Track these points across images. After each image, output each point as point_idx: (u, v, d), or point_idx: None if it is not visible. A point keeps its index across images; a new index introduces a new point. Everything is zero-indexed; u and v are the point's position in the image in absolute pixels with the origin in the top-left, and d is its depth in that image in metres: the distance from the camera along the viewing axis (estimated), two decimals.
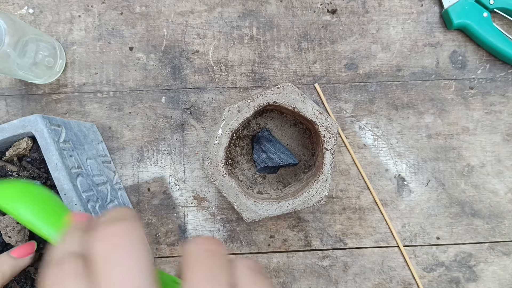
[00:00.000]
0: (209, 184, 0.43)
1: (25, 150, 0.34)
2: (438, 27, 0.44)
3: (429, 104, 0.43)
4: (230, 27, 0.44)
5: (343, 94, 0.43)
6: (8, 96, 0.43)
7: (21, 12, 0.43)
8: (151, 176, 0.43)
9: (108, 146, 0.43)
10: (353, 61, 0.44)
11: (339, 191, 0.43)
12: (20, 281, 0.33)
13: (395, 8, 0.44)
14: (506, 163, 0.43)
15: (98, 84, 0.43)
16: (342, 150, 0.43)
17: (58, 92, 0.43)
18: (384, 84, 0.44)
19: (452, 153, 0.43)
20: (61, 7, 0.43)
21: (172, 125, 0.43)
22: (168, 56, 0.43)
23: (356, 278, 0.42)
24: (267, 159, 0.40)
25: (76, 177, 0.32)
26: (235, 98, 0.43)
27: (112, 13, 0.43)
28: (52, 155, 0.30)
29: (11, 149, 0.34)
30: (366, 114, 0.43)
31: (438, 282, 0.43)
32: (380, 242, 0.43)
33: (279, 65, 0.43)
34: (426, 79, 0.44)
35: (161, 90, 0.43)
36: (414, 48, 0.44)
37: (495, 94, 0.44)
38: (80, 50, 0.43)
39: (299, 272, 0.42)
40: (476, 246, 0.43)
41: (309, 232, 0.43)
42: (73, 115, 0.43)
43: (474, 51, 0.44)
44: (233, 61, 0.43)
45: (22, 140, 0.34)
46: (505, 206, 0.43)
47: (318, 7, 0.44)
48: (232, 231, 0.43)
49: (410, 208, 0.43)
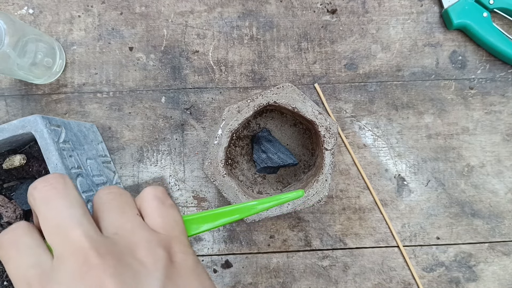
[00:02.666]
0: (209, 184, 0.43)
1: (20, 163, 0.34)
2: (438, 27, 0.44)
3: (429, 104, 0.43)
4: (230, 27, 0.44)
5: (343, 94, 0.43)
6: (8, 96, 0.43)
7: (21, 12, 0.43)
8: (151, 176, 0.43)
9: (108, 146, 0.43)
10: (353, 61, 0.44)
11: (339, 191, 0.43)
12: None
13: (395, 8, 0.44)
14: (506, 163, 0.43)
15: (98, 84, 0.43)
16: (342, 150, 0.43)
17: (58, 92, 0.43)
18: (384, 84, 0.44)
19: (452, 153, 0.43)
20: (61, 7, 0.43)
21: (172, 125, 0.43)
22: (168, 56, 0.43)
23: (356, 278, 0.42)
24: (267, 159, 0.40)
25: (76, 177, 0.32)
26: (235, 98, 0.43)
27: (112, 13, 0.43)
28: (52, 156, 0.30)
29: (4, 164, 0.34)
30: (366, 114, 0.43)
31: (438, 282, 0.43)
32: (380, 242, 0.43)
33: (279, 65, 0.43)
34: (426, 79, 0.44)
35: (161, 90, 0.43)
36: (414, 48, 0.44)
37: (495, 94, 0.44)
38: (80, 50, 0.43)
39: (299, 272, 0.42)
40: (476, 246, 0.43)
41: (309, 232, 0.43)
42: (73, 115, 0.43)
43: (474, 51, 0.44)
44: (233, 61, 0.43)
45: (15, 157, 0.34)
46: (505, 206, 0.43)
47: (318, 7, 0.44)
48: (232, 231, 0.43)
49: (410, 208, 0.43)
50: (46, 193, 0.19)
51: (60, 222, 0.18)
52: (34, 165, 0.35)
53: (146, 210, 0.21)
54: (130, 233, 0.19)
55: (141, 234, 0.19)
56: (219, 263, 0.42)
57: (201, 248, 0.42)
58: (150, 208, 0.21)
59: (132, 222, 0.20)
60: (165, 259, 0.19)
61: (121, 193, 0.21)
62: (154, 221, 0.21)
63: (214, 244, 0.43)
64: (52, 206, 0.19)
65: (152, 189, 0.22)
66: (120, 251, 0.18)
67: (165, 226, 0.21)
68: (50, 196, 0.19)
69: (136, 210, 0.21)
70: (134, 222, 0.20)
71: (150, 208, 0.21)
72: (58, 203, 0.19)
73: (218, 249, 0.43)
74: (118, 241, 0.19)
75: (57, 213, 0.18)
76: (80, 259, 0.17)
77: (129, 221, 0.20)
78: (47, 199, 0.19)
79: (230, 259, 0.43)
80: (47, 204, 0.19)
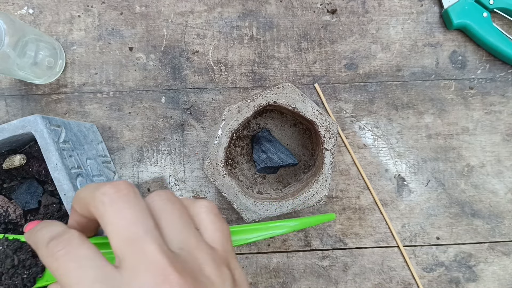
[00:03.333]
0: (209, 184, 0.43)
1: (20, 163, 0.34)
2: (438, 27, 0.44)
3: (429, 104, 0.43)
4: (230, 27, 0.44)
5: (343, 94, 0.43)
6: (8, 96, 0.43)
7: (21, 12, 0.43)
8: (151, 176, 0.43)
9: (108, 146, 0.43)
10: (353, 61, 0.44)
11: (339, 191, 0.43)
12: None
13: (395, 8, 0.44)
14: (506, 163, 0.43)
15: (98, 84, 0.43)
16: (342, 150, 0.43)
17: (58, 92, 0.43)
18: (384, 84, 0.44)
19: (452, 153, 0.43)
20: (61, 7, 0.43)
21: (172, 125, 0.43)
22: (168, 56, 0.43)
23: (356, 278, 0.42)
24: (267, 159, 0.40)
25: (76, 177, 0.32)
26: (235, 98, 0.43)
27: (112, 13, 0.43)
28: (52, 155, 0.30)
29: (4, 164, 0.34)
30: (366, 114, 0.43)
31: (438, 282, 0.43)
32: (380, 242, 0.43)
33: (279, 65, 0.43)
34: (426, 79, 0.44)
35: (161, 90, 0.43)
36: (414, 48, 0.44)
37: (495, 94, 0.44)
38: (80, 50, 0.43)
39: (299, 272, 0.42)
40: (476, 246, 0.43)
41: (309, 232, 0.43)
42: (73, 115, 0.43)
43: (474, 51, 0.44)
44: (233, 61, 0.43)
45: (15, 157, 0.34)
46: (505, 206, 0.43)
47: (318, 7, 0.44)
48: None
49: (410, 208, 0.43)
50: (117, 200, 0.18)
51: (133, 234, 0.17)
52: (34, 165, 0.35)
53: (203, 224, 0.20)
54: (195, 249, 0.19)
55: (205, 250, 0.19)
56: None
57: None
58: (206, 221, 0.20)
59: (196, 237, 0.19)
60: (231, 278, 0.19)
61: (175, 201, 0.20)
62: (211, 236, 0.20)
63: None
64: (125, 215, 0.18)
65: (206, 202, 0.21)
66: (192, 269, 0.18)
67: (222, 241, 0.20)
68: (122, 205, 0.18)
69: (192, 222, 0.20)
70: (198, 237, 0.19)
71: (206, 221, 0.20)
72: (131, 212, 0.18)
73: None
74: (186, 258, 0.18)
75: (130, 224, 0.17)
76: (159, 276, 0.16)
77: (192, 236, 0.19)
78: (119, 207, 0.18)
79: None
80: (119, 213, 0.18)
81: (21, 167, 0.35)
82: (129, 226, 0.17)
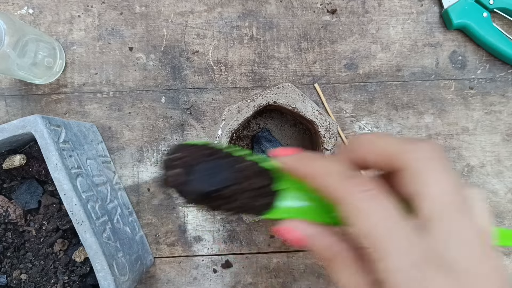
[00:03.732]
0: None
1: (20, 163, 0.34)
2: (438, 27, 0.44)
3: (429, 104, 0.43)
4: (230, 27, 0.44)
5: (343, 94, 0.43)
6: (8, 96, 0.43)
7: (21, 12, 0.43)
8: (151, 176, 0.43)
9: (108, 146, 0.43)
10: (353, 61, 0.44)
11: None
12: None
13: (395, 8, 0.44)
14: (506, 163, 0.43)
15: (98, 84, 0.43)
16: None
17: (58, 92, 0.43)
18: (384, 84, 0.44)
19: (452, 153, 0.43)
20: (60, 7, 0.43)
21: (172, 125, 0.43)
22: (168, 56, 0.43)
23: None
24: None
25: (76, 177, 0.32)
26: (235, 98, 0.43)
27: (112, 13, 0.43)
28: (51, 156, 0.30)
29: (4, 164, 0.34)
30: (366, 114, 0.43)
31: None
32: None
33: (279, 65, 0.43)
34: (426, 79, 0.44)
35: (161, 90, 0.43)
36: (414, 48, 0.44)
37: (495, 94, 0.44)
38: (80, 50, 0.43)
39: (299, 272, 0.42)
40: None
41: None
42: (73, 115, 0.43)
43: (474, 51, 0.44)
44: (233, 61, 0.43)
45: (15, 157, 0.34)
46: (505, 206, 0.43)
47: (318, 7, 0.44)
48: (232, 231, 0.43)
49: None
50: (437, 161, 0.17)
51: (453, 202, 0.17)
52: (34, 165, 0.35)
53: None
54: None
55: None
56: (219, 263, 0.42)
57: (201, 248, 0.42)
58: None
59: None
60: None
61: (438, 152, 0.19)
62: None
63: (214, 244, 0.43)
64: (444, 178, 0.17)
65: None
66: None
67: None
68: (441, 167, 0.17)
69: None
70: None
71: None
72: (449, 178, 0.17)
73: (218, 249, 0.43)
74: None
75: (450, 191, 0.17)
76: (478, 247, 0.16)
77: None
78: (437, 169, 0.17)
79: (230, 259, 0.43)
80: (439, 174, 0.17)
81: (21, 167, 0.35)
82: (448, 193, 0.16)
